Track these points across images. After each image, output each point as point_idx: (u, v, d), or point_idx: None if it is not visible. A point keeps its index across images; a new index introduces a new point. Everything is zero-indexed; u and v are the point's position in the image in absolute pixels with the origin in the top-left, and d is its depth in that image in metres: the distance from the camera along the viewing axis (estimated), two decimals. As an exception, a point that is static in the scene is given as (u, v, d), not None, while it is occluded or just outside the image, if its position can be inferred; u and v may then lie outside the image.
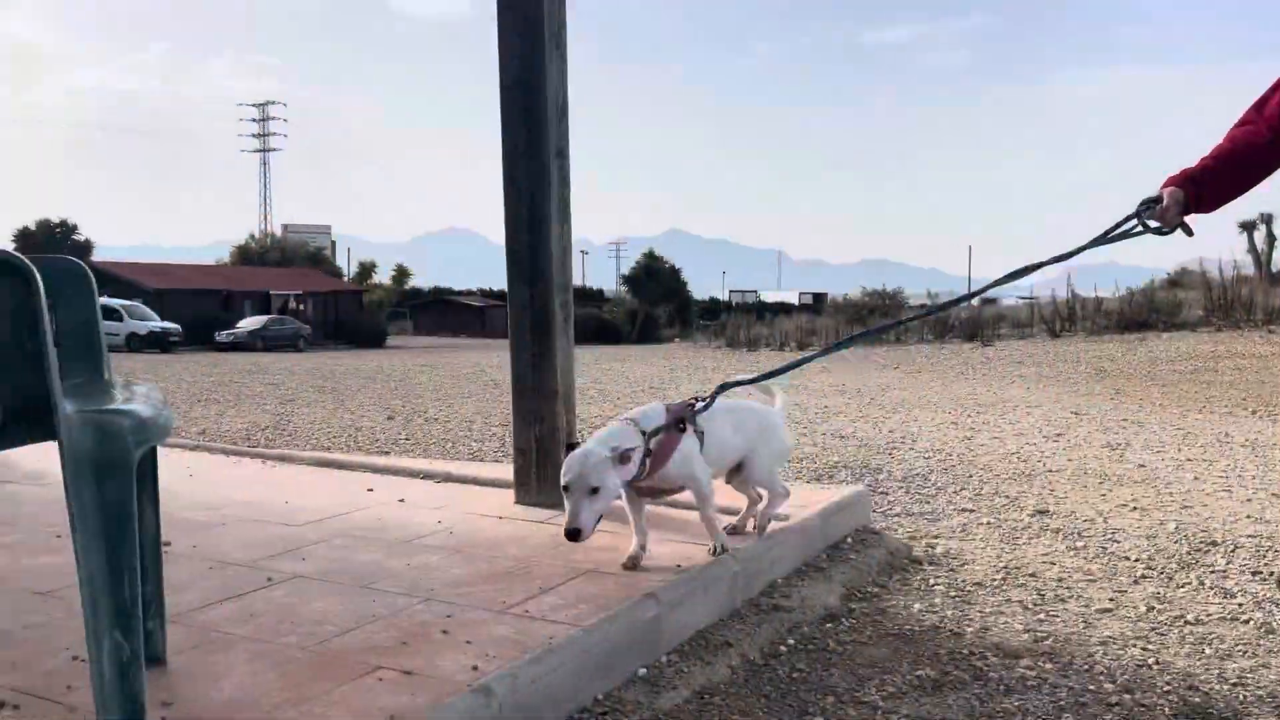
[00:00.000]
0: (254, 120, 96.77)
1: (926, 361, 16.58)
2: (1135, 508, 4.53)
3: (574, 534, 2.60)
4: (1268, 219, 36.02)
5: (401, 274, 74.56)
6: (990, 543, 3.92)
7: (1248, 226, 36.44)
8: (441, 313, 65.04)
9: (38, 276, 1.50)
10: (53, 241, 58.84)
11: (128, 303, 36.92)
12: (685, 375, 14.63)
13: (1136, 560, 3.64)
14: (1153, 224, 2.72)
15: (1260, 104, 2.75)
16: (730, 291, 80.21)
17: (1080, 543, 3.91)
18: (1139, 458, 5.96)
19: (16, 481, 4.26)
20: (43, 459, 4.45)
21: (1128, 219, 2.77)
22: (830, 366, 15.88)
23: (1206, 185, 2.70)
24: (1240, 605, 3.12)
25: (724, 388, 3.05)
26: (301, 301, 49.90)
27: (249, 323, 40.97)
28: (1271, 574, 3.45)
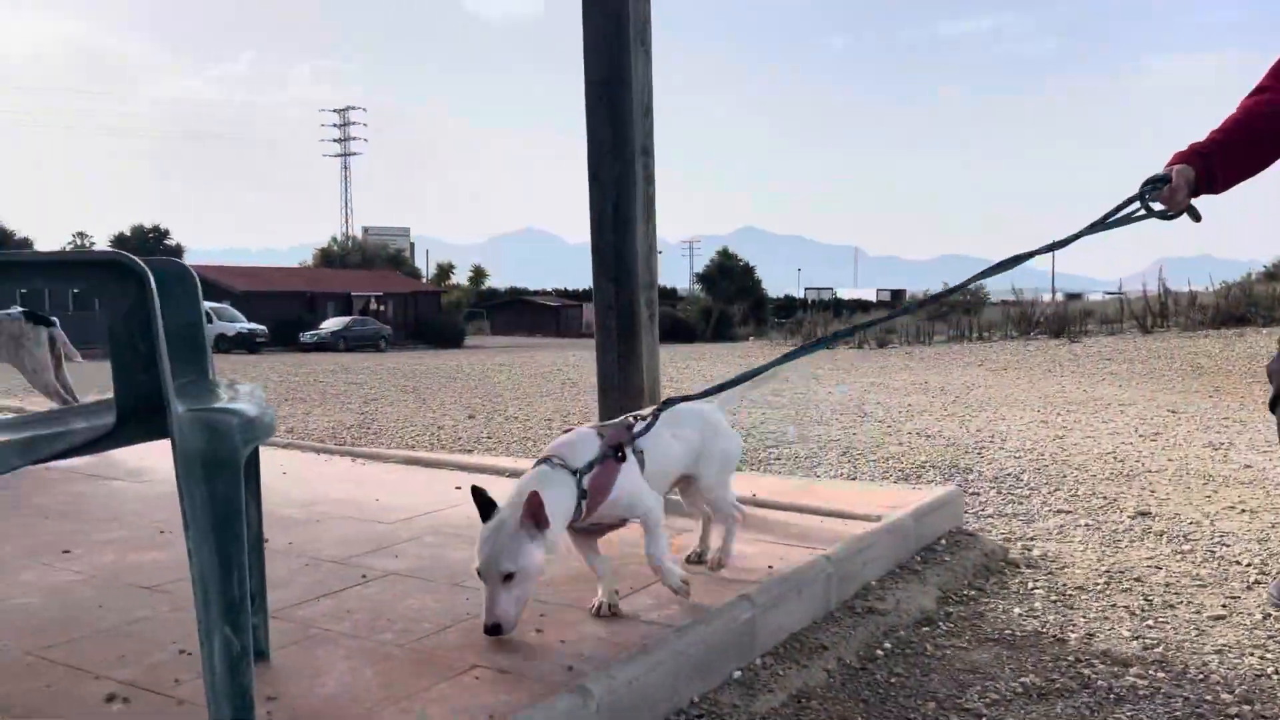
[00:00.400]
0: (335, 125, 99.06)
1: (1011, 359, 16.18)
2: (1244, 510, 4.33)
3: (493, 629, 2.20)
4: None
5: (479, 274, 75.61)
6: (1090, 545, 3.79)
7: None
8: (518, 313, 65.81)
9: (151, 278, 1.53)
10: (146, 246, 61.06)
11: (217, 305, 38.12)
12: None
13: (1249, 565, 3.48)
14: (1157, 207, 2.49)
15: (1277, 69, 2.54)
16: (805, 289, 79.57)
17: (1186, 546, 3.75)
18: (1244, 458, 5.71)
19: (119, 479, 4.40)
20: (145, 457, 4.60)
21: (1130, 201, 2.52)
22: (912, 364, 15.60)
23: (1217, 161, 2.47)
24: (1365, 614, 2.96)
25: (668, 404, 2.66)
26: (382, 302, 50.93)
27: (331, 324, 41.97)
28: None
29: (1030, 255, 2.64)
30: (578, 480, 2.36)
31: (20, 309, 5.13)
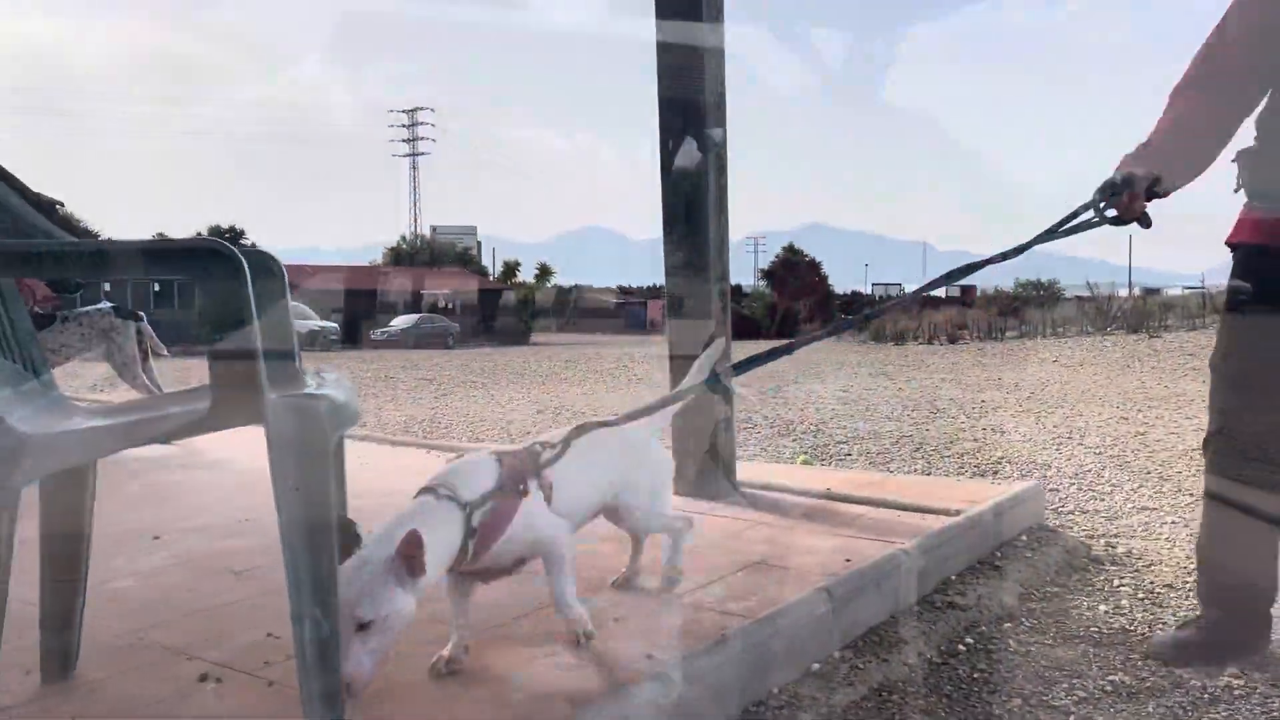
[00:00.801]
0: (404, 126, 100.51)
1: (1087, 354, 15.80)
2: (1341, 508, 4.16)
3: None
4: None
5: (544, 272, 76.14)
6: (1178, 543, 3.68)
7: None
8: (583, 310, 66.15)
9: (246, 265, 1.56)
10: (223, 247, 62.56)
11: (291, 303, 38.98)
12: (830, 370, 14.38)
13: (1348, 565, 3.34)
14: (1110, 213, 2.38)
15: (1206, 55, 2.39)
16: (873, 285, 78.67)
17: (1280, 545, 3.62)
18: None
19: (202, 467, 4.52)
20: (226, 446, 4.71)
21: (1084, 208, 2.40)
22: (984, 361, 15.33)
23: (1170, 165, 2.37)
24: None
25: (580, 431, 2.26)
26: (450, 300, 51.59)
27: (401, 321, 42.61)
28: None
29: (980, 265, 2.52)
30: (466, 516, 1.97)
31: (109, 304, 5.31)
